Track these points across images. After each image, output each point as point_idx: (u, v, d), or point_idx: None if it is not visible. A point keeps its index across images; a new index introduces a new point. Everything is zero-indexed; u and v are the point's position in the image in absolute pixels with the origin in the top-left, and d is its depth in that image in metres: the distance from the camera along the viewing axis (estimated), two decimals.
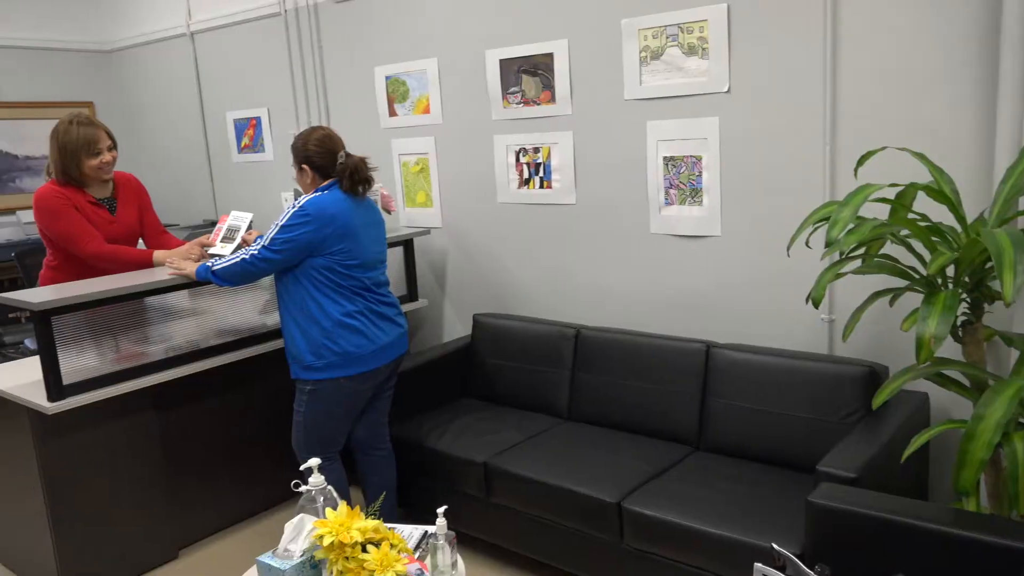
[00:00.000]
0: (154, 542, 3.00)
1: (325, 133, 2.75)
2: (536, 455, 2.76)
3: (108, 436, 2.83)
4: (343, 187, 2.69)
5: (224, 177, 5.02)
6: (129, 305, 2.95)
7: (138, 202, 3.33)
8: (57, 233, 3.04)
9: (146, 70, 5.37)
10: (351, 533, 1.88)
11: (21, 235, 4.84)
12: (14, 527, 2.96)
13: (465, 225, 3.80)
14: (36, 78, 5.30)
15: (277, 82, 4.50)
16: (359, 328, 2.69)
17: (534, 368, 3.24)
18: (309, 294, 2.67)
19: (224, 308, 3.26)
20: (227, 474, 3.25)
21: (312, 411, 2.73)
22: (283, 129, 4.55)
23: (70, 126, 3.06)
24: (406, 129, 3.94)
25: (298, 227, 2.60)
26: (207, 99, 4.99)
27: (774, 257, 2.86)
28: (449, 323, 3.97)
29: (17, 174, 5.23)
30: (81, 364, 2.75)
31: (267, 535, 3.22)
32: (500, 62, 3.49)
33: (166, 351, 3.03)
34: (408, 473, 3.07)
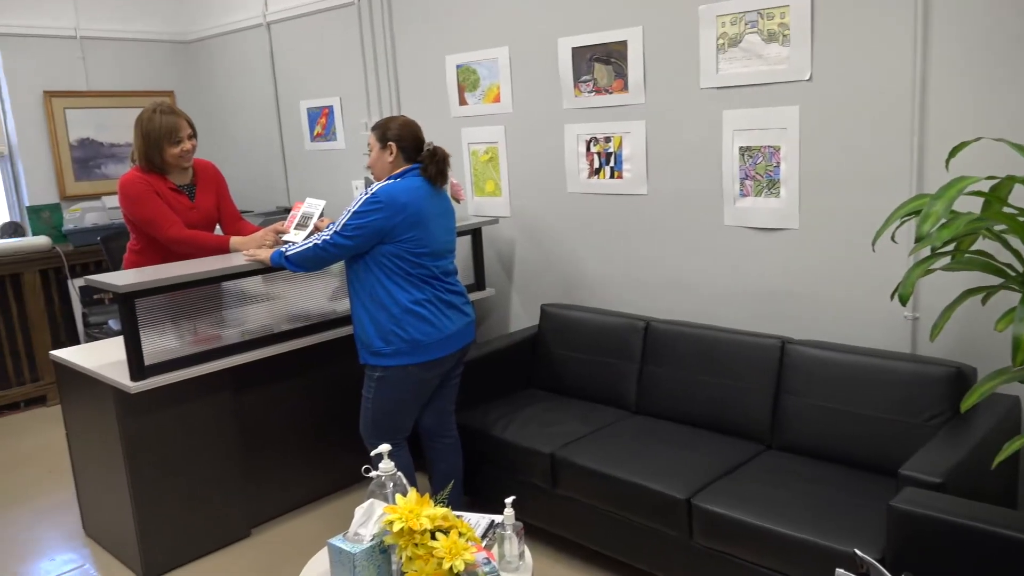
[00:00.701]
0: (228, 520, 3.09)
1: (409, 120, 2.81)
2: (603, 448, 2.74)
3: (186, 416, 2.92)
4: (427, 174, 2.71)
5: (297, 165, 5.12)
6: (207, 289, 3.03)
7: (216, 189, 3.41)
8: (140, 218, 3.13)
9: (224, 60, 5.50)
10: (420, 520, 1.89)
11: (106, 220, 5.03)
12: (101, 502, 3.08)
13: (534, 215, 3.78)
14: (121, 68, 5.49)
15: (349, 71, 4.55)
16: (427, 316, 2.71)
17: (601, 360, 3.21)
18: (379, 281, 2.69)
19: (297, 294, 3.33)
20: (299, 456, 3.32)
21: (380, 397, 2.76)
22: (355, 118, 4.60)
23: (153, 115, 3.15)
24: (476, 118, 3.94)
25: (370, 214, 2.62)
26: (282, 88, 5.08)
27: (855, 251, 2.76)
28: (515, 313, 3.97)
29: (102, 161, 5.43)
30: (162, 345, 2.83)
31: (335, 517, 3.27)
32: (572, 50, 3.45)
33: (242, 334, 3.10)
34: (473, 461, 3.08)
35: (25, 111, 5.09)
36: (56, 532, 3.30)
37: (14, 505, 3.56)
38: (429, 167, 2.72)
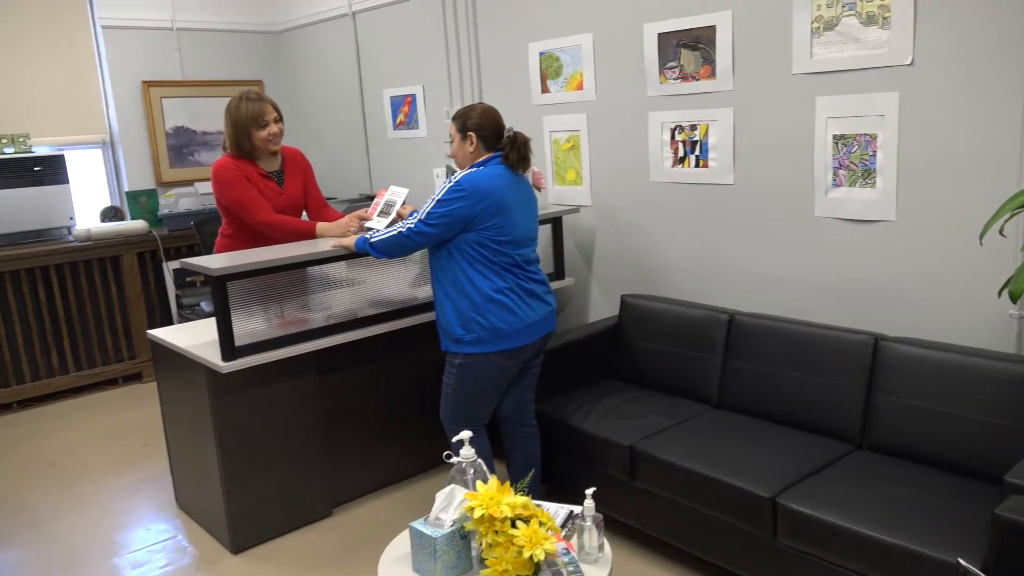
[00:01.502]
0: (311, 498, 3.17)
1: (490, 107, 2.81)
2: (684, 442, 2.69)
3: (273, 396, 3.01)
4: (509, 160, 2.71)
5: (379, 153, 5.19)
6: (294, 274, 3.11)
7: (303, 176, 3.49)
8: (231, 202, 3.23)
9: (310, 49, 5.62)
10: (501, 508, 1.89)
11: (198, 205, 5.21)
12: (192, 476, 3.21)
13: (615, 204, 3.73)
14: (213, 58, 5.67)
15: (432, 60, 4.58)
16: (508, 305, 2.71)
17: (683, 352, 3.15)
18: (461, 269, 2.70)
19: (380, 280, 3.38)
20: (379, 439, 3.38)
21: (460, 384, 2.78)
22: (437, 106, 4.63)
23: (240, 102, 3.24)
24: (558, 106, 3.91)
25: (454, 202, 2.63)
26: (365, 77, 5.16)
27: (956, 245, 2.62)
28: (595, 303, 3.93)
29: (195, 148, 5.63)
30: (251, 327, 2.92)
31: (414, 500, 3.32)
32: (658, 36, 3.38)
33: (326, 319, 3.17)
34: (551, 450, 3.07)
35: (126, 100, 5.32)
36: (150, 503, 3.45)
37: (112, 476, 3.74)
38: (510, 154, 2.72)
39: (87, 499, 3.52)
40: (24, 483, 3.72)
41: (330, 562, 2.92)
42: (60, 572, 2.95)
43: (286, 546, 3.03)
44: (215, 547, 3.05)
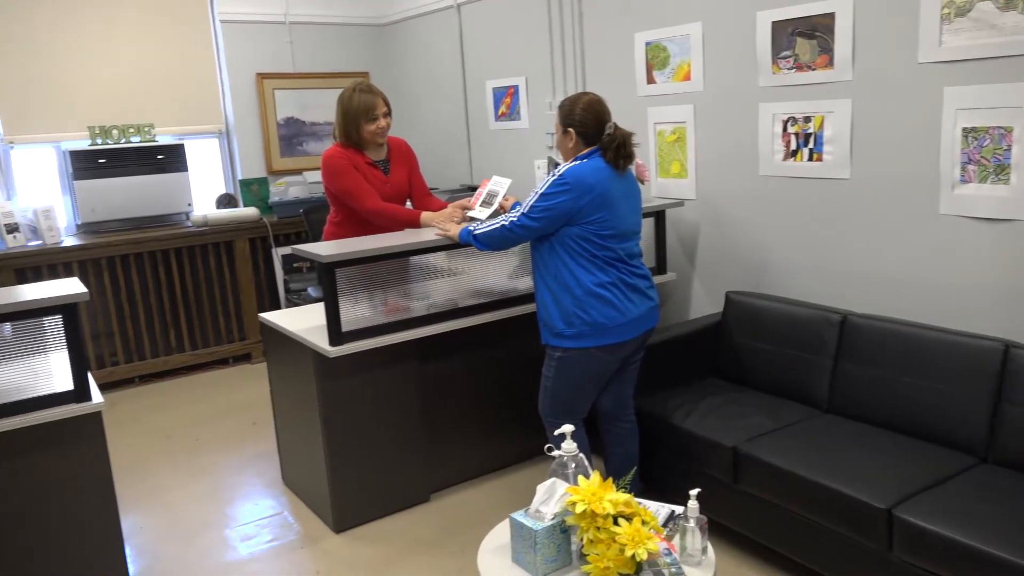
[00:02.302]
0: (409, 483, 3.23)
1: (595, 99, 2.73)
2: (792, 446, 2.59)
3: (376, 382, 3.07)
4: (606, 159, 2.67)
5: (481, 144, 5.23)
6: (398, 262, 3.16)
7: (408, 165, 3.55)
8: (340, 190, 3.32)
9: (415, 41, 5.71)
10: (604, 504, 1.87)
11: (306, 193, 5.39)
12: (298, 455, 3.32)
13: (721, 198, 3.63)
14: (322, 51, 5.84)
15: (536, 51, 4.57)
16: (610, 299, 2.67)
17: (791, 353, 3.04)
18: (563, 262, 2.69)
19: (480, 270, 3.40)
20: (477, 428, 3.41)
21: (560, 378, 2.77)
22: (539, 97, 4.62)
23: (353, 93, 3.32)
24: (664, 97, 3.83)
25: (557, 195, 2.62)
26: (469, 68, 5.20)
27: None
28: (697, 299, 3.85)
29: (304, 138, 5.82)
30: (357, 314, 2.99)
31: (511, 490, 3.34)
32: (772, 24, 3.26)
33: (428, 307, 3.22)
34: (650, 448, 3.02)
35: (241, 92, 5.55)
36: (258, 479, 3.60)
37: (223, 452, 3.92)
38: (607, 152, 2.67)
39: (201, 471, 3.71)
40: (145, 453, 3.94)
41: (428, 546, 2.97)
42: (177, 539, 3.12)
43: (386, 528, 3.10)
44: (318, 525, 3.15)
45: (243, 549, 3.02)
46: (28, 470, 2.42)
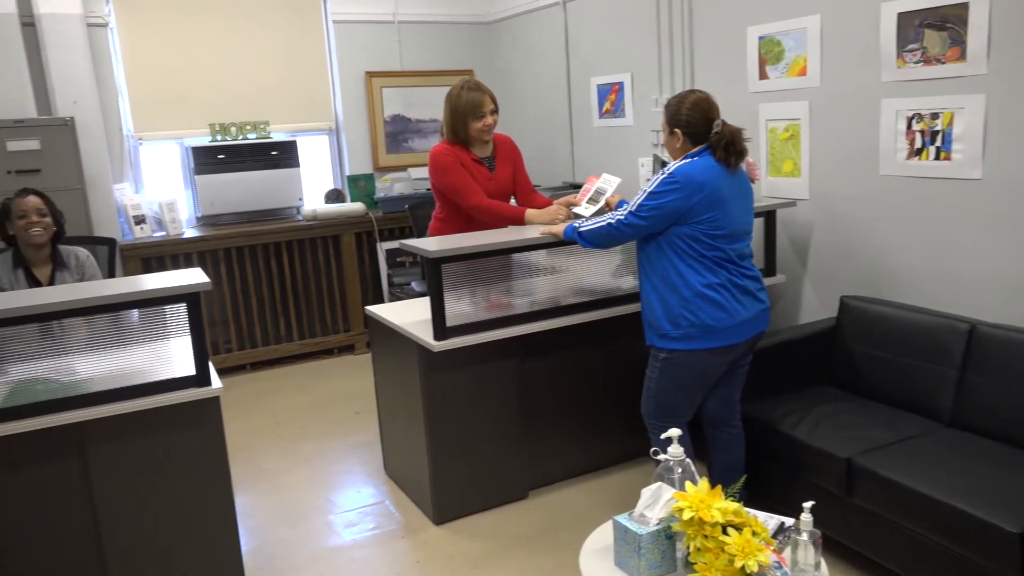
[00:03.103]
0: (509, 479, 3.24)
1: (702, 97, 2.66)
2: (912, 460, 2.46)
3: (478, 377, 3.10)
4: (716, 157, 2.60)
5: (584, 141, 5.20)
6: (502, 259, 3.18)
7: (513, 162, 3.56)
8: (446, 186, 3.36)
9: (520, 39, 5.72)
10: (712, 512, 1.82)
11: (411, 189, 5.50)
12: (400, 446, 3.39)
13: (837, 198, 3.48)
14: (428, 49, 5.93)
15: (643, 46, 4.50)
16: (719, 301, 2.61)
17: (911, 362, 2.88)
18: (671, 262, 2.63)
19: (583, 269, 3.38)
20: (577, 427, 3.39)
21: (664, 380, 2.72)
22: (645, 94, 4.55)
23: (461, 91, 3.35)
24: (777, 93, 3.70)
25: (666, 194, 2.57)
26: (573, 65, 5.17)
27: None
28: (807, 302, 3.70)
29: (409, 135, 5.94)
30: (460, 309, 3.02)
31: (610, 492, 3.31)
32: (898, 16, 3.10)
33: (531, 305, 3.22)
34: (755, 455, 2.93)
35: (350, 90, 5.70)
36: (361, 468, 3.69)
37: (327, 439, 4.05)
38: (717, 151, 2.60)
39: (307, 457, 3.83)
40: (255, 437, 4.11)
41: (527, 542, 2.97)
42: (284, 522, 3.23)
43: (485, 522, 3.12)
44: (418, 516, 3.21)
45: (347, 535, 3.11)
46: (152, 449, 2.56)
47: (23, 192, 3.20)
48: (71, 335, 2.62)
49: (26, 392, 2.47)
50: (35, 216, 3.14)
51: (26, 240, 3.14)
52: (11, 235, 3.17)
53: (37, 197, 3.19)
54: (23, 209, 3.13)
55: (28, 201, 3.16)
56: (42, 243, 3.18)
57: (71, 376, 2.58)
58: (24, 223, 3.13)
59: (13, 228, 3.16)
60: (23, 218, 3.13)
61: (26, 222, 3.13)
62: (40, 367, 2.57)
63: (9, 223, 3.16)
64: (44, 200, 3.20)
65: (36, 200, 3.18)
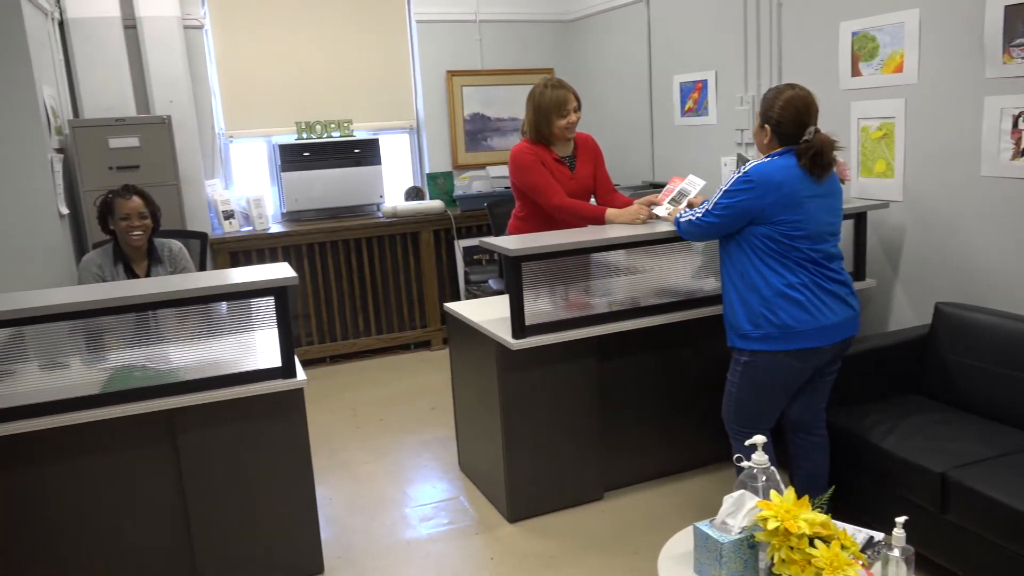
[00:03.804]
0: (584, 480, 3.22)
1: (799, 95, 2.55)
2: (1013, 476, 2.33)
3: (555, 377, 3.09)
4: (801, 164, 2.52)
5: (665, 140, 5.12)
6: (581, 258, 3.16)
7: (594, 161, 3.54)
8: (526, 185, 3.36)
9: (601, 37, 5.68)
10: (798, 523, 1.76)
11: (489, 188, 5.52)
12: (475, 442, 3.41)
13: (933, 200, 3.33)
14: (508, 48, 5.95)
15: (728, 43, 4.40)
16: (802, 301, 2.53)
17: (1010, 373, 2.73)
18: (751, 262, 2.58)
19: (663, 270, 3.33)
20: (654, 429, 3.34)
21: (745, 382, 2.66)
22: (729, 92, 4.45)
23: (545, 89, 3.34)
24: (870, 90, 3.56)
25: (739, 193, 2.52)
26: (655, 63, 5.10)
27: None
28: (898, 308, 3.55)
29: (488, 134, 5.97)
30: (539, 308, 3.02)
31: (687, 496, 3.25)
32: (1005, 9, 2.93)
33: (609, 305, 3.19)
34: (840, 465, 2.83)
35: (432, 89, 5.77)
36: (435, 463, 3.73)
37: (403, 433, 4.10)
38: (802, 159, 2.51)
39: (384, 451, 3.90)
40: (334, 429, 4.20)
41: (601, 544, 2.95)
42: (361, 513, 3.29)
43: (559, 522, 3.11)
44: (492, 513, 3.22)
45: (422, 529, 3.14)
46: (238, 437, 2.64)
47: (126, 192, 3.29)
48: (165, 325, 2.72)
49: (123, 379, 2.58)
50: (137, 220, 3.25)
51: (127, 241, 3.27)
52: (112, 229, 3.31)
53: (139, 198, 3.28)
54: (126, 212, 3.24)
55: (131, 204, 3.25)
56: (141, 245, 3.31)
57: (164, 364, 2.69)
58: (126, 225, 3.24)
59: (115, 225, 3.28)
60: (125, 220, 3.24)
61: (128, 224, 3.24)
62: (136, 355, 2.68)
63: (111, 219, 3.29)
64: (145, 201, 3.30)
65: (138, 203, 3.27)
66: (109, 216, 3.29)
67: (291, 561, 2.78)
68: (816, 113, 2.55)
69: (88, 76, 4.66)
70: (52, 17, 4.49)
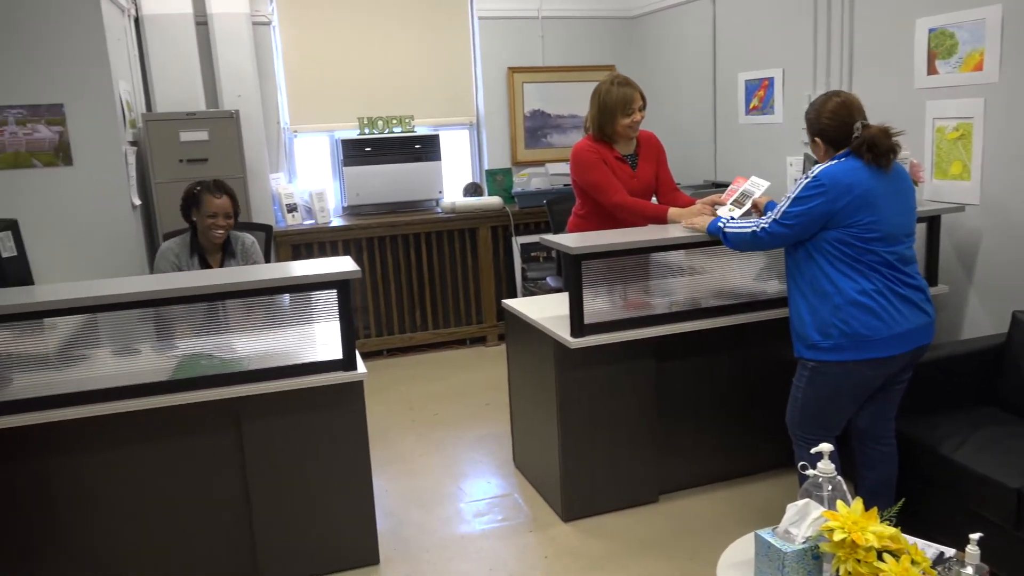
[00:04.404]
0: (639, 481, 3.19)
1: (840, 101, 2.51)
2: None
3: (612, 376, 3.06)
4: (864, 160, 2.44)
5: (728, 139, 5.03)
6: (641, 258, 3.12)
7: (656, 159, 3.50)
8: (588, 183, 3.34)
9: (664, 33, 5.61)
10: (867, 536, 1.71)
11: (547, 185, 5.51)
12: (531, 440, 3.41)
13: (1013, 204, 3.20)
14: (570, 44, 5.92)
15: (796, 40, 4.30)
16: (875, 309, 2.45)
17: None
18: (821, 269, 2.50)
19: (725, 271, 3.27)
20: (713, 433, 3.29)
21: (812, 390, 2.59)
22: (797, 90, 4.35)
23: (611, 87, 3.31)
24: (947, 89, 3.44)
25: (811, 199, 2.44)
26: (720, 60, 5.02)
27: None
28: (972, 316, 3.42)
29: (549, 131, 5.95)
30: (598, 307, 3.00)
31: (745, 502, 3.20)
32: None
33: (669, 305, 3.15)
34: (908, 477, 2.74)
35: (492, 85, 5.78)
36: (489, 459, 3.74)
37: (458, 428, 4.13)
38: (863, 155, 2.43)
39: (439, 444, 3.92)
40: (390, 422, 4.25)
41: (655, 547, 2.91)
42: (416, 506, 3.32)
43: (613, 523, 3.09)
44: (547, 511, 3.21)
45: (476, 524, 3.16)
46: (299, 427, 2.69)
47: (218, 190, 3.32)
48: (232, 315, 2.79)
49: (191, 366, 2.65)
50: (222, 219, 3.31)
51: (208, 237, 3.34)
52: (193, 220, 3.37)
53: (228, 198, 3.32)
54: (214, 210, 3.28)
55: (220, 203, 3.29)
56: (221, 243, 3.39)
57: (230, 354, 2.75)
58: (211, 222, 3.30)
59: (198, 219, 3.33)
60: (212, 218, 3.29)
61: (213, 222, 3.30)
62: (204, 344, 2.75)
63: (196, 211, 3.33)
64: (232, 201, 3.35)
65: (227, 202, 3.31)
66: (194, 208, 3.33)
67: (348, 551, 2.82)
68: (861, 111, 2.49)
69: (161, 71, 4.80)
70: (128, 14, 4.63)
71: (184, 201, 3.35)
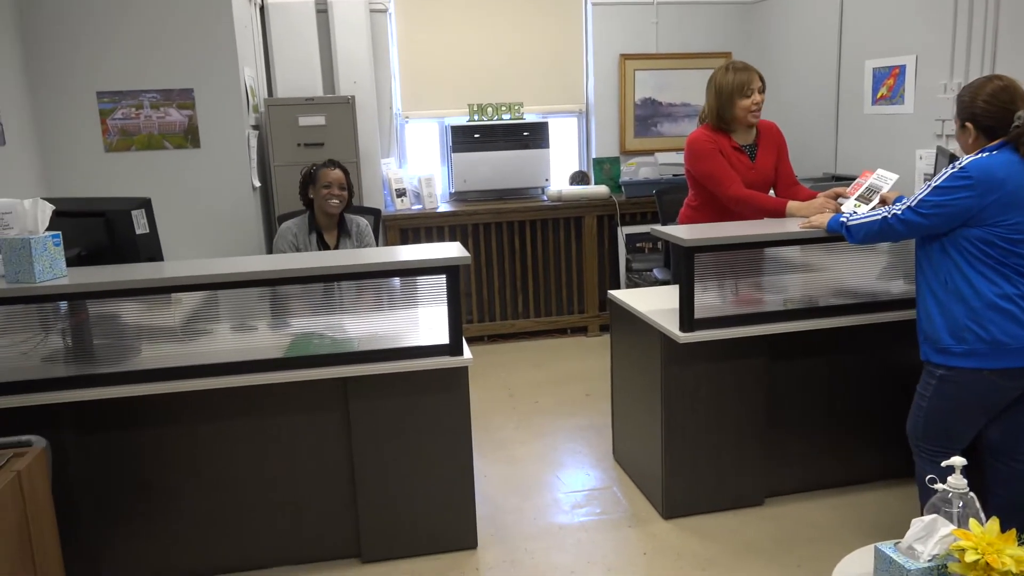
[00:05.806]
0: (744, 483, 3.09)
1: (1002, 85, 2.32)
2: None
3: (720, 374, 2.97)
4: (1021, 153, 2.26)
5: (850, 130, 4.79)
6: (755, 252, 3.01)
7: (776, 151, 3.36)
8: (702, 174, 3.24)
9: (786, 20, 5.38)
10: (1003, 559, 1.59)
11: (656, 174, 5.40)
12: (632, 433, 3.36)
13: None
14: (685, 31, 5.77)
15: (932, 24, 4.03)
16: (1016, 315, 2.28)
17: None
18: (957, 267, 2.34)
19: (844, 268, 3.11)
20: (824, 438, 3.15)
21: (938, 399, 2.43)
22: (931, 79, 4.08)
23: (727, 72, 3.21)
24: None
25: (956, 190, 2.27)
26: (846, 47, 4.77)
27: None
28: None
29: (659, 120, 5.82)
30: (709, 301, 2.91)
31: (858, 512, 3.05)
32: None
33: (783, 303, 3.03)
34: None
35: (603, 73, 5.70)
36: (588, 450, 3.71)
37: (558, 417, 4.11)
38: (1021, 147, 2.24)
39: (538, 432, 3.92)
40: (491, 408, 4.28)
41: (760, 552, 2.82)
42: (514, 492, 3.33)
43: (715, 524, 3.01)
44: (646, 507, 3.15)
45: (574, 516, 3.13)
46: (405, 409, 2.73)
47: (330, 164, 3.59)
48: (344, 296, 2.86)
49: (304, 345, 2.74)
50: (337, 189, 3.53)
51: (324, 208, 3.54)
52: (311, 198, 3.55)
53: (341, 171, 3.57)
54: (328, 180, 3.52)
55: (334, 174, 3.54)
56: (336, 213, 3.56)
57: (341, 334, 2.82)
58: (327, 192, 3.52)
59: (315, 194, 3.55)
60: (327, 188, 3.52)
61: (328, 192, 3.52)
62: (316, 324, 2.83)
63: (312, 188, 3.55)
64: (346, 175, 3.59)
65: (340, 174, 3.56)
66: (311, 185, 3.57)
67: (448, 534, 2.86)
68: (1022, 99, 2.29)
69: (282, 57, 4.97)
70: (255, 2, 4.81)
71: (302, 180, 3.59)
